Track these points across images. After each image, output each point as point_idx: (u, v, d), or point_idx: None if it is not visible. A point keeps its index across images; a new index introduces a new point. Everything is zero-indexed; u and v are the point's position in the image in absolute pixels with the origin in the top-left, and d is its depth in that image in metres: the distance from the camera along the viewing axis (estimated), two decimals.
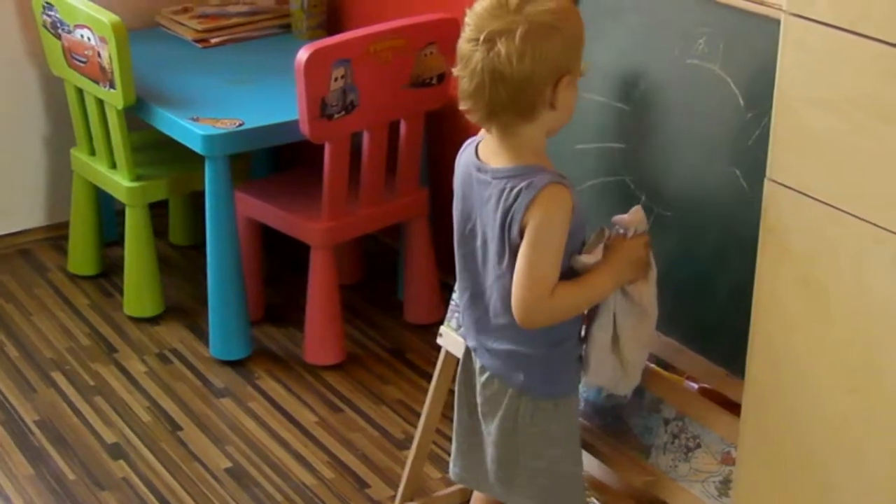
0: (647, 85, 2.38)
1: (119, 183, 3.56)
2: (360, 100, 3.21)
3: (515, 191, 2.09)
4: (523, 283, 2.08)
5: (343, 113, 3.19)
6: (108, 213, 3.91)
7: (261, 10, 3.97)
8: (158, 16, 4.00)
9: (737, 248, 2.23)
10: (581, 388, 2.32)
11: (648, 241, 2.23)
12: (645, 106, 2.38)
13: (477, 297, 2.22)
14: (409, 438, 3.09)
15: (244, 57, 3.79)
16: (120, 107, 3.41)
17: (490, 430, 2.28)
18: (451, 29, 3.33)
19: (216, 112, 3.38)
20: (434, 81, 3.35)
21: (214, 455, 3.09)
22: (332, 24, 3.91)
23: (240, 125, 3.31)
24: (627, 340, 2.23)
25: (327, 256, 3.35)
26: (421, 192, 3.52)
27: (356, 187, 3.37)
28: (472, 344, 2.29)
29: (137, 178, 3.56)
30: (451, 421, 2.41)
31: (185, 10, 3.97)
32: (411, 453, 2.84)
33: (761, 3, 2.19)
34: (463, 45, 2.09)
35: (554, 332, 2.18)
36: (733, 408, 2.22)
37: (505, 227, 2.11)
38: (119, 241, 3.74)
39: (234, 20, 3.92)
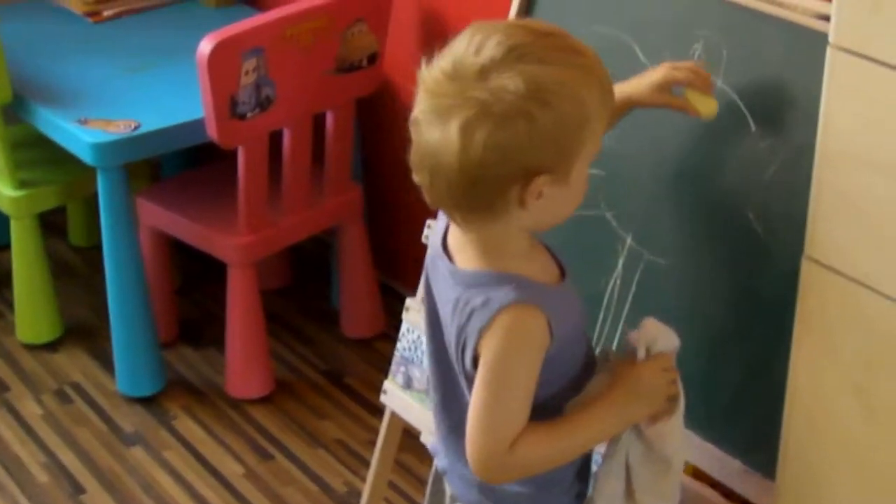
0: None
1: (0, 192, 3.04)
2: (278, 94, 2.71)
3: (468, 308, 1.57)
4: (474, 433, 1.57)
5: (258, 111, 2.69)
6: None
7: None
8: None
9: (751, 309, 1.79)
10: None
11: (672, 365, 1.67)
12: (628, 123, 1.91)
13: (451, 401, 1.70)
14: (352, 492, 2.65)
15: (143, 34, 3.24)
16: None
17: None
18: (382, 1, 2.85)
19: (109, 111, 2.85)
20: (364, 64, 2.85)
21: None
22: None
23: (136, 128, 2.79)
24: (644, 494, 1.71)
25: (248, 276, 2.87)
26: (354, 189, 3.03)
27: (278, 191, 2.88)
28: (441, 465, 1.79)
29: (22, 184, 3.03)
30: (403, 469, 1.90)
31: None
32: None
33: (778, 4, 1.73)
34: (414, 107, 1.55)
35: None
36: None
37: (458, 348, 1.60)
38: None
39: None
